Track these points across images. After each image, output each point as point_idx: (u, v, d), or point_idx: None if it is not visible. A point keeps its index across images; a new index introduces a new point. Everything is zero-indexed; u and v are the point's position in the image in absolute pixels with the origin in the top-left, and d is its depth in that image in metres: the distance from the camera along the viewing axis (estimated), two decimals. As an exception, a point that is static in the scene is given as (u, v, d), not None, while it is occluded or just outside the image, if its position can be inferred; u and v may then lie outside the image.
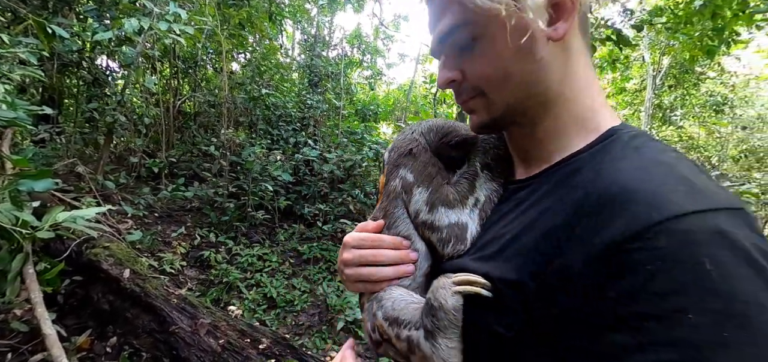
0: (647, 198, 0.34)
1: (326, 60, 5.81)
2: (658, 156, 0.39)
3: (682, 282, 0.30)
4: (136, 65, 3.06)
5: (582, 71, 0.47)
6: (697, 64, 5.35)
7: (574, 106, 0.47)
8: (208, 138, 4.83)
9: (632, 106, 7.24)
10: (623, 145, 0.42)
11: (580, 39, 0.47)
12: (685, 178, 0.35)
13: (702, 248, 0.30)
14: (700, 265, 0.30)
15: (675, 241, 0.31)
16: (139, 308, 2.15)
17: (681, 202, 0.33)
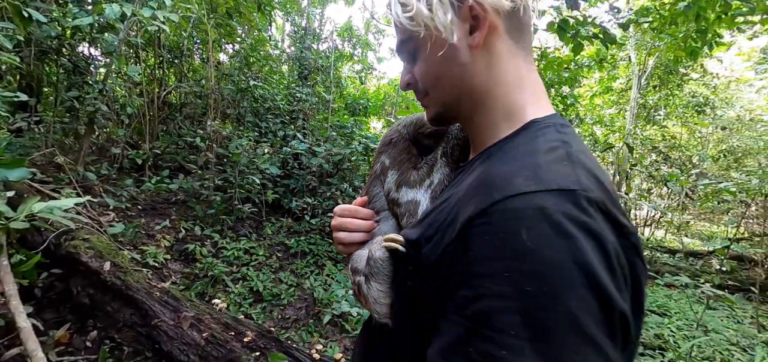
0: (497, 182, 0.42)
1: (316, 53, 5.74)
2: (539, 146, 0.46)
3: (505, 248, 0.37)
4: (118, 53, 2.97)
5: (512, 71, 0.53)
6: (681, 65, 5.47)
7: (503, 101, 0.54)
8: (194, 129, 4.74)
9: (618, 105, 7.38)
10: (528, 136, 0.49)
11: (508, 41, 0.53)
12: (537, 165, 0.42)
13: (522, 221, 0.37)
14: (518, 235, 0.37)
15: (504, 217, 0.39)
16: (121, 301, 2.10)
17: (518, 185, 0.40)
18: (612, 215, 0.39)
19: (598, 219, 0.38)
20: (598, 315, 0.35)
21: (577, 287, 0.35)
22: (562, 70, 4.13)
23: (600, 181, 0.42)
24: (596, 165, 0.46)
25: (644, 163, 6.59)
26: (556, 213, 0.37)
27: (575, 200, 0.38)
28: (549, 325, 0.34)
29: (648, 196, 6.72)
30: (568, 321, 0.34)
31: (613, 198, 0.42)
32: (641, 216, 8.12)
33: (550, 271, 0.35)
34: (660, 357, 3.23)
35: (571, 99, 5.31)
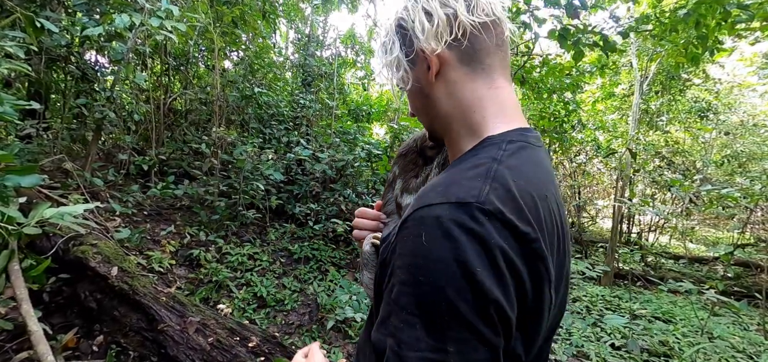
0: (421, 194, 0.52)
1: (320, 60, 5.80)
2: (470, 163, 0.54)
3: (409, 249, 0.48)
4: (126, 61, 3.02)
5: (469, 94, 0.61)
6: (683, 71, 5.47)
7: (465, 121, 0.62)
8: (199, 136, 4.79)
9: (621, 111, 7.38)
10: (472, 153, 0.58)
11: (462, 69, 0.61)
12: (453, 180, 0.51)
13: (423, 227, 0.47)
14: (419, 238, 0.47)
15: (414, 223, 0.48)
16: (127, 306, 2.13)
17: (430, 197, 0.49)
18: (510, 223, 0.46)
19: (487, 226, 0.45)
20: (472, 302, 0.43)
21: (455, 279, 0.43)
22: (564, 76, 4.15)
23: (511, 194, 0.48)
24: (525, 179, 0.52)
25: (648, 169, 6.57)
26: (446, 221, 0.45)
27: (467, 211, 0.46)
28: (434, 309, 0.44)
29: (651, 202, 6.69)
30: (447, 306, 0.43)
31: (522, 210, 0.48)
32: (646, 221, 8.08)
33: (436, 266, 0.44)
34: (665, 365, 3.21)
35: (573, 104, 5.33)
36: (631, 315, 4.22)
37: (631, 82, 6.20)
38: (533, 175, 0.54)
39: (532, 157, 0.57)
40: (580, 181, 7.37)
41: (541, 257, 0.48)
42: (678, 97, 6.47)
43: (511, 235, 0.46)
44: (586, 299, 4.76)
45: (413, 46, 0.61)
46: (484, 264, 0.44)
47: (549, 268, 0.49)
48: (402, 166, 0.80)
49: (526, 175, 0.53)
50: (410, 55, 0.62)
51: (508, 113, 0.61)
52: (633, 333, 3.56)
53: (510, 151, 0.55)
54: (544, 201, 0.53)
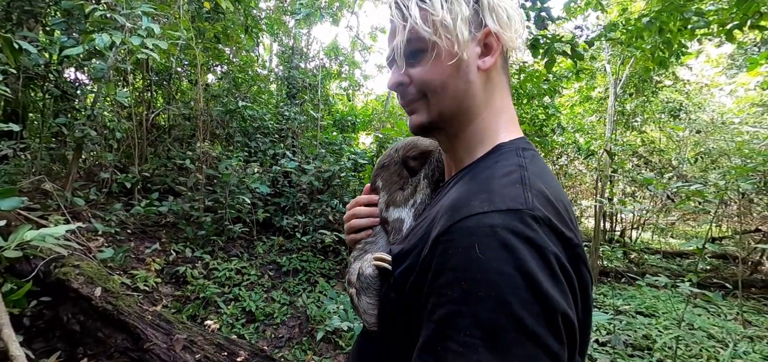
0: (459, 205, 0.49)
1: (304, 72, 5.84)
2: (497, 170, 0.53)
3: (460, 261, 0.44)
4: (107, 79, 3.01)
5: (498, 99, 0.62)
6: (654, 74, 5.73)
7: (485, 125, 0.61)
8: (183, 151, 4.75)
9: (598, 113, 7.64)
10: (491, 160, 0.57)
11: (501, 74, 0.62)
12: (492, 188, 0.49)
13: (475, 238, 0.44)
14: (472, 250, 0.43)
15: (461, 234, 0.45)
16: (112, 327, 2.10)
17: (475, 207, 0.46)
18: (557, 229, 0.45)
19: (540, 233, 0.43)
20: (540, 314, 0.40)
21: (520, 291, 0.40)
22: (542, 82, 4.30)
23: (549, 201, 0.48)
24: (550, 185, 0.51)
25: (626, 168, 6.80)
26: (502, 229, 0.43)
27: (520, 218, 0.44)
28: (497, 325, 0.40)
29: (631, 200, 6.91)
30: (513, 320, 0.39)
31: (561, 215, 0.48)
32: (628, 219, 8.32)
33: (497, 279, 0.41)
34: (648, 357, 3.31)
35: (552, 109, 5.50)
36: (615, 310, 4.33)
37: (607, 85, 6.44)
38: (553, 180, 0.54)
39: (544, 164, 0.58)
40: (563, 183, 7.57)
41: (585, 261, 0.48)
42: (651, 99, 6.75)
43: (559, 241, 0.45)
44: (572, 298, 4.87)
45: (482, 21, 0.57)
46: (545, 272, 0.42)
47: (591, 271, 0.49)
48: (385, 179, 0.77)
49: (550, 180, 0.53)
50: (476, 27, 0.58)
51: (515, 125, 0.63)
52: (617, 329, 3.66)
53: (529, 158, 0.55)
54: (571, 207, 0.53)
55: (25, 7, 3.40)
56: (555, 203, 0.48)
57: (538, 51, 2.39)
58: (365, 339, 0.69)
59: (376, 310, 0.63)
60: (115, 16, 2.42)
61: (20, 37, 3.03)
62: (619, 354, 3.32)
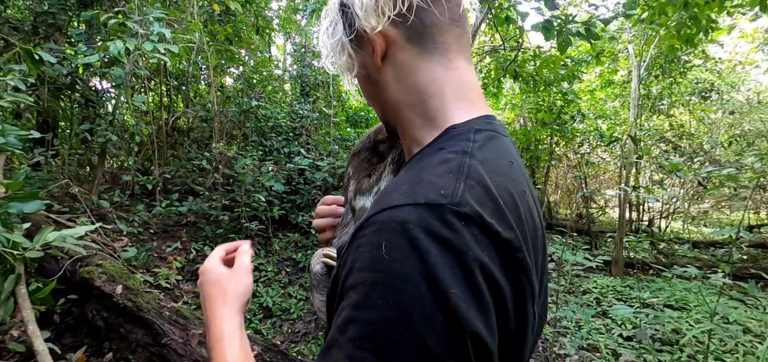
0: (383, 195, 0.45)
1: (316, 69, 5.88)
2: (435, 157, 0.46)
3: (365, 262, 0.38)
4: (125, 85, 3.12)
5: (421, 78, 0.53)
6: (682, 53, 5.41)
7: (420, 108, 0.54)
8: (201, 153, 4.88)
9: (621, 98, 7.30)
10: (435, 147, 0.50)
11: (412, 49, 0.53)
12: (419, 178, 0.43)
13: (385, 234, 0.38)
14: (378, 248, 0.37)
15: (372, 229, 0.39)
16: (133, 323, 2.18)
17: (393, 198, 0.41)
18: (490, 229, 0.38)
19: (463, 234, 0.36)
20: (443, 334, 0.34)
21: (425, 304, 0.34)
22: (559, 67, 4.14)
23: (489, 193, 0.41)
24: (499, 173, 0.44)
25: (652, 154, 6.47)
26: (415, 227, 0.36)
27: (439, 214, 0.37)
28: (392, 341, 0.34)
29: (658, 188, 6.58)
30: (410, 338, 0.34)
31: (502, 210, 0.40)
32: (656, 208, 7.95)
33: (400, 286, 0.35)
34: (678, 353, 3.16)
35: (571, 95, 5.30)
36: (642, 303, 4.15)
37: (629, 68, 6.13)
38: (508, 168, 0.47)
39: (503, 148, 0.50)
40: (585, 171, 7.29)
41: (525, 269, 0.40)
42: (679, 80, 6.37)
43: (491, 244, 0.38)
44: (596, 291, 4.70)
45: (355, 26, 0.53)
46: (460, 283, 0.35)
47: (532, 281, 0.41)
48: (355, 166, 0.73)
49: (501, 168, 0.46)
50: (353, 37, 0.54)
51: (470, 97, 0.54)
52: (643, 322, 3.50)
53: (479, 142, 0.47)
54: (523, 199, 0.46)
55: (49, 20, 3.57)
56: (498, 197, 0.41)
57: (550, 34, 2.29)
58: None
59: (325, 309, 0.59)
60: (129, 23, 2.50)
61: (47, 49, 3.18)
62: (645, 349, 3.17)
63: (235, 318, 0.57)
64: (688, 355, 3.08)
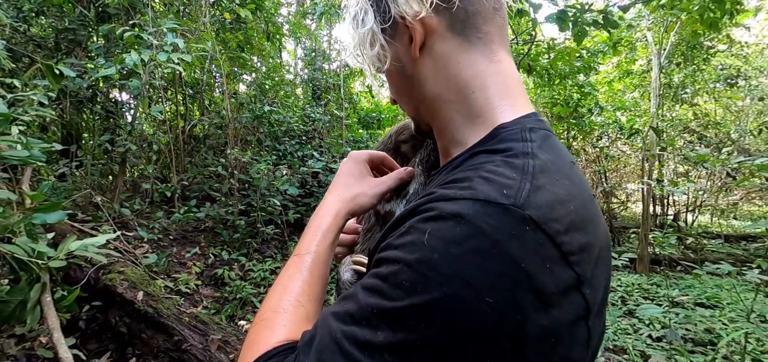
0: (447, 185, 0.41)
1: (327, 73, 5.90)
2: (491, 157, 0.43)
3: (407, 240, 0.37)
4: (142, 95, 3.20)
5: (463, 71, 0.49)
6: (704, 38, 5.17)
7: (459, 104, 0.50)
8: (217, 159, 4.97)
9: (641, 88, 7.04)
10: (490, 148, 0.45)
11: (453, 39, 0.49)
12: (476, 176, 0.39)
13: (432, 223, 0.36)
14: (423, 233, 0.36)
15: (425, 215, 0.38)
16: (154, 328, 2.22)
17: (449, 193, 0.38)
18: (555, 239, 0.34)
19: (520, 241, 0.33)
20: (459, 337, 0.32)
21: (458, 304, 0.32)
22: (574, 59, 4.02)
23: (558, 199, 0.37)
24: (565, 177, 0.40)
25: (676, 146, 6.22)
26: (466, 223, 0.34)
27: (500, 215, 0.34)
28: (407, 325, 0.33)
29: (684, 180, 6.32)
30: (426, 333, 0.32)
31: (572, 219, 0.37)
32: (683, 201, 7.64)
33: (428, 275, 0.33)
34: (713, 354, 3.00)
35: (588, 87, 5.14)
36: (670, 302, 3.98)
37: (649, 56, 5.91)
38: (570, 170, 0.43)
39: (561, 148, 0.46)
40: (605, 165, 7.07)
41: (582, 285, 0.36)
42: (702, 67, 6.10)
43: (552, 255, 0.34)
44: (621, 289, 4.54)
45: (390, 13, 0.49)
46: (499, 293, 0.32)
47: (588, 298, 0.37)
48: None
49: (565, 171, 0.42)
50: (387, 26, 0.50)
51: (515, 93, 0.49)
52: (673, 322, 3.35)
53: (538, 142, 0.43)
54: (591, 204, 0.42)
55: (70, 36, 3.70)
56: (566, 201, 0.37)
57: (565, 24, 2.21)
58: None
59: None
60: (143, 35, 2.56)
61: (69, 64, 3.30)
62: (677, 350, 3.03)
63: (330, 221, 0.55)
64: (723, 357, 2.93)
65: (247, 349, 0.44)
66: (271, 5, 5.34)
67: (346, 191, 0.59)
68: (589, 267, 0.37)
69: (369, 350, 0.33)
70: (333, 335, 0.36)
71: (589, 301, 0.37)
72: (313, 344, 0.37)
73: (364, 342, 0.34)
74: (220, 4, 4.57)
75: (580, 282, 0.36)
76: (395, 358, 0.33)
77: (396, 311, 0.34)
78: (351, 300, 0.38)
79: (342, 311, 0.38)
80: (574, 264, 0.35)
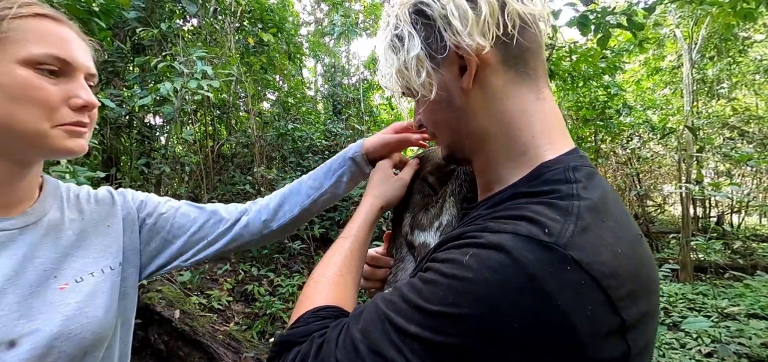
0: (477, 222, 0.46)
1: (346, 87, 6.02)
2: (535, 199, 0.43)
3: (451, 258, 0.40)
4: (175, 120, 3.38)
5: (513, 105, 0.48)
6: (739, 30, 4.89)
7: (505, 140, 0.49)
8: (244, 177, 5.14)
9: (672, 85, 6.72)
10: (535, 189, 0.45)
11: (506, 74, 0.48)
12: (519, 215, 0.40)
13: (471, 248, 0.39)
14: (464, 254, 0.38)
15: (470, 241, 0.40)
16: (190, 346, 2.31)
17: (492, 226, 0.41)
18: (601, 284, 0.34)
19: (559, 279, 0.33)
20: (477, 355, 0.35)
21: (483, 333, 0.34)
22: (598, 60, 3.90)
23: (604, 242, 0.36)
24: (610, 220, 0.39)
25: (715, 144, 5.86)
26: (507, 256, 0.35)
27: (541, 252, 0.34)
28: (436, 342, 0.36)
29: (726, 180, 5.94)
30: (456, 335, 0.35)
31: (618, 262, 0.36)
32: (726, 203, 7.18)
33: (463, 296, 0.36)
34: (769, 370, 2.77)
35: (614, 88, 4.97)
36: (720, 313, 3.71)
37: (679, 52, 5.65)
38: (616, 207, 0.42)
39: (606, 185, 0.45)
40: (637, 167, 6.76)
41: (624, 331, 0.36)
42: (739, 59, 5.74)
43: (595, 299, 0.34)
44: (664, 299, 4.28)
45: (443, 42, 0.47)
46: (527, 328, 0.33)
47: (638, 344, 0.37)
48: (406, 200, 0.73)
49: (611, 211, 0.41)
50: (436, 54, 0.48)
51: (558, 130, 0.50)
52: (724, 336, 3.12)
53: (583, 182, 0.42)
54: (640, 244, 0.41)
55: (108, 68, 3.98)
56: (612, 243, 0.37)
57: (587, 28, 2.16)
58: None
59: None
60: (175, 64, 2.72)
61: (108, 94, 3.54)
62: (729, 366, 2.82)
63: (367, 211, 0.68)
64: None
65: (300, 304, 0.53)
66: (291, 27, 5.53)
67: (377, 189, 0.71)
68: (637, 311, 0.36)
69: (403, 335, 0.38)
70: (378, 314, 0.41)
71: (631, 346, 0.36)
72: (361, 317, 0.43)
73: (400, 328, 0.38)
74: (243, 29, 4.79)
75: (625, 327, 0.35)
76: (423, 349, 0.36)
77: (428, 312, 0.37)
78: (397, 291, 0.42)
79: (389, 298, 0.42)
80: (621, 309, 0.35)
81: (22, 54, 0.53)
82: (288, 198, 0.85)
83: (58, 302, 0.58)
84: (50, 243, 0.61)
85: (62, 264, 0.61)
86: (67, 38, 0.58)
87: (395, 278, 0.68)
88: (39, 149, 0.57)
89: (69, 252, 0.63)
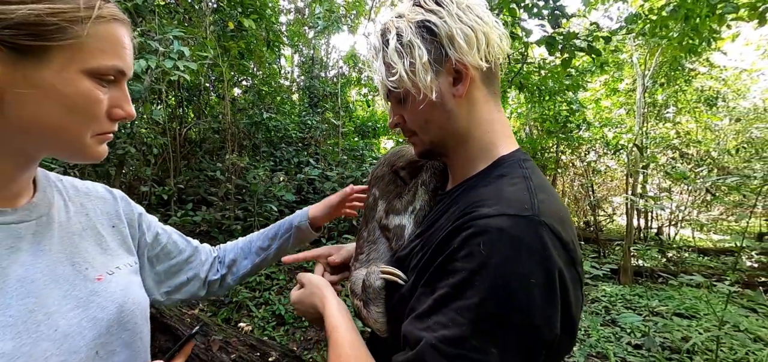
0: (476, 205, 0.54)
1: (324, 81, 6.01)
2: (502, 181, 0.58)
3: (467, 253, 0.49)
4: (144, 99, 3.25)
5: (486, 114, 0.64)
6: (685, 62, 5.45)
7: (479, 141, 0.65)
8: (213, 163, 5.01)
9: (627, 106, 7.33)
10: (496, 173, 0.61)
11: (484, 89, 0.64)
12: (503, 195, 0.54)
13: (483, 236, 0.49)
14: (478, 245, 0.48)
15: (473, 231, 0.50)
16: (157, 329, 2.27)
17: (488, 209, 0.52)
18: (561, 238, 0.49)
19: (544, 240, 0.47)
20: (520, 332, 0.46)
21: (515, 293, 0.46)
22: (563, 77, 4.20)
23: (554, 208, 0.52)
24: (551, 195, 0.56)
25: (659, 162, 6.48)
26: (508, 233, 0.47)
27: (527, 223, 0.48)
28: (486, 316, 0.46)
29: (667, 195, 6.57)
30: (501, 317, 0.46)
31: (563, 222, 0.52)
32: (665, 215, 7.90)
33: (494, 275, 0.46)
34: (687, 360, 3.16)
35: (576, 104, 5.35)
36: (650, 312, 4.14)
37: (634, 76, 6.17)
38: (553, 191, 0.58)
39: (542, 175, 0.61)
40: (592, 179, 7.29)
41: (581, 281, 0.53)
42: (684, 88, 6.40)
43: (562, 249, 0.49)
44: (605, 299, 4.69)
45: (446, 55, 0.59)
46: (541, 278, 0.46)
47: (580, 272, 0.53)
48: (381, 188, 0.82)
49: (551, 191, 0.57)
50: (437, 63, 0.60)
51: (510, 135, 0.66)
52: (652, 330, 3.51)
53: (530, 169, 0.58)
54: (568, 213, 0.57)
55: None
56: (559, 212, 0.53)
57: (554, 48, 2.37)
58: (375, 345, 0.72)
59: (385, 318, 0.68)
60: (149, 42, 2.63)
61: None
62: (654, 357, 3.18)
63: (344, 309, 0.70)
64: (697, 364, 3.08)
65: None
66: (271, 14, 5.44)
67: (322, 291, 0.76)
68: (578, 255, 0.53)
69: (461, 342, 0.46)
70: (429, 344, 0.47)
71: (580, 274, 0.53)
72: None
73: (455, 339, 0.46)
74: (221, 10, 4.66)
75: (575, 262, 0.52)
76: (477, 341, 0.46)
77: (473, 306, 0.46)
78: (433, 315, 0.50)
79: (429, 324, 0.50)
80: (572, 252, 0.51)
81: (91, 64, 0.49)
82: (240, 256, 0.97)
83: (103, 291, 0.58)
84: (64, 236, 0.59)
85: (86, 257, 0.60)
86: (127, 45, 0.55)
87: (368, 257, 0.77)
88: (71, 154, 0.54)
89: (87, 247, 0.61)
